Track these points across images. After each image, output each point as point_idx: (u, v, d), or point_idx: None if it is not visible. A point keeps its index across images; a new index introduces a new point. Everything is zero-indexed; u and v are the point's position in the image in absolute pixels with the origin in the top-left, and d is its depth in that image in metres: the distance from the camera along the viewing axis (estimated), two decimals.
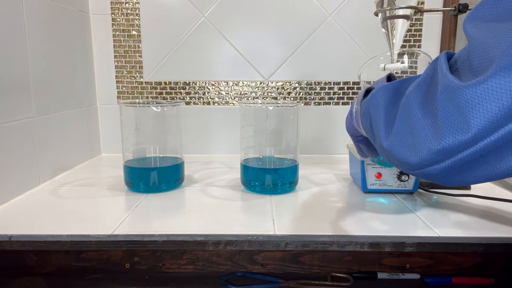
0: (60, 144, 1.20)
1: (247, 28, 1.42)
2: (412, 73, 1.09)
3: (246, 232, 0.78)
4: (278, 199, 0.99)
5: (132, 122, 1.06)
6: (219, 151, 1.50)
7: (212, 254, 0.81)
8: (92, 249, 0.80)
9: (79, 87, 1.34)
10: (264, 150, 1.08)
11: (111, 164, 1.36)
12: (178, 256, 0.81)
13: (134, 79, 1.45)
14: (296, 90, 1.46)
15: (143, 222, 0.84)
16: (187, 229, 0.79)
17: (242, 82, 1.46)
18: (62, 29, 1.23)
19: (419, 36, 1.43)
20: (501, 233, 0.78)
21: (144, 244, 0.76)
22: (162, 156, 1.10)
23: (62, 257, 0.81)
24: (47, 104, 1.14)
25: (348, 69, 1.44)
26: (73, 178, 1.18)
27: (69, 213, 0.89)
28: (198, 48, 1.43)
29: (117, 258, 0.81)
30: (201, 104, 1.47)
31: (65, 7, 1.24)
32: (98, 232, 0.77)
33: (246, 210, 0.92)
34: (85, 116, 1.38)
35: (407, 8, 1.01)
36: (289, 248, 0.77)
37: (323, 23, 1.41)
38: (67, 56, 1.25)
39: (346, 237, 0.77)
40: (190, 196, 1.02)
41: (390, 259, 0.81)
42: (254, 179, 1.04)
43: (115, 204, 0.96)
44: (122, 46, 1.44)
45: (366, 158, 0.96)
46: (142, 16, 1.42)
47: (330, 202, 0.98)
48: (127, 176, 1.06)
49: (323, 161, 1.41)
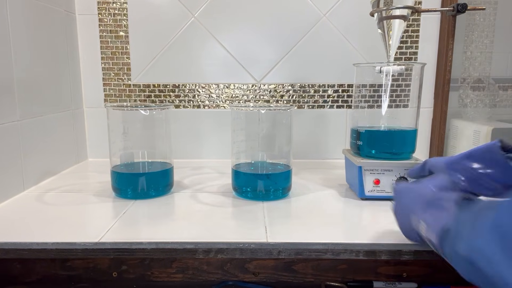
0: (45, 148, 1.20)
1: (239, 29, 1.42)
2: (408, 75, 1.09)
3: (237, 239, 0.78)
4: (270, 206, 0.99)
5: (119, 126, 1.06)
6: (209, 156, 1.51)
7: (203, 263, 0.81)
8: (79, 257, 0.79)
9: (65, 90, 1.33)
10: (256, 155, 1.08)
11: (98, 170, 1.36)
12: (167, 265, 0.81)
13: (121, 81, 1.45)
14: (289, 93, 1.46)
15: (131, 229, 0.84)
16: (177, 237, 0.79)
17: (234, 85, 1.46)
18: (47, 30, 1.22)
19: (416, 37, 1.43)
20: None
21: (132, 252, 0.76)
22: (151, 161, 1.11)
23: (47, 265, 0.81)
24: (31, 107, 1.13)
25: (343, 71, 1.45)
26: (59, 184, 1.18)
27: (55, 220, 0.89)
28: (188, 50, 1.43)
29: (104, 267, 0.81)
30: (191, 107, 1.47)
31: (51, 7, 1.24)
32: (85, 240, 0.77)
33: (237, 217, 0.92)
34: (71, 119, 1.38)
35: (404, 8, 1.02)
36: (282, 256, 0.77)
37: (317, 24, 1.42)
38: (52, 58, 1.25)
39: (341, 245, 0.77)
40: (180, 202, 1.02)
41: (386, 267, 0.82)
42: (245, 185, 1.04)
43: (102, 210, 0.96)
44: (109, 48, 1.44)
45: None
46: (130, 17, 1.42)
47: (325, 209, 0.98)
48: (115, 182, 1.06)
49: (317, 166, 1.41)
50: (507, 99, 1.52)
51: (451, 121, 1.48)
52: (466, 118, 1.49)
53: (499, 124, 1.31)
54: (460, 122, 1.44)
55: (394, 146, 1.04)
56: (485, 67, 1.51)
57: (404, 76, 1.08)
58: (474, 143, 1.32)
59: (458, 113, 1.51)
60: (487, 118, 1.49)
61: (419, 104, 1.07)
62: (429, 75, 1.44)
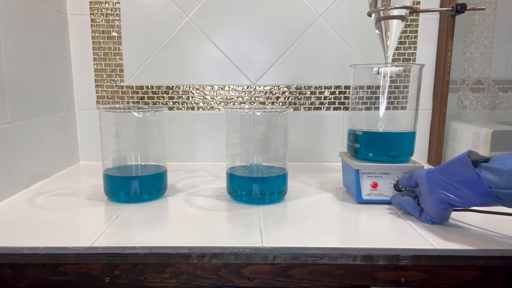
0: (36, 151, 1.20)
1: (234, 29, 1.43)
2: (406, 77, 1.10)
3: (232, 244, 0.78)
4: (266, 210, 0.99)
5: (112, 129, 1.06)
6: (204, 159, 1.51)
7: (197, 268, 0.81)
8: (70, 262, 0.79)
9: (56, 92, 1.34)
10: (251, 157, 1.08)
11: (90, 173, 1.36)
12: (161, 270, 0.81)
13: (114, 83, 1.46)
14: (285, 94, 1.47)
15: (124, 234, 0.84)
16: (170, 241, 0.80)
17: (228, 86, 1.46)
18: (39, 30, 1.23)
19: (415, 38, 1.44)
20: (501, 244, 0.79)
21: (125, 256, 0.77)
22: (144, 164, 1.11)
23: (39, 270, 0.81)
24: (22, 109, 1.13)
25: (340, 73, 1.45)
26: (50, 187, 1.18)
27: (46, 224, 0.89)
28: (182, 51, 1.44)
29: (97, 272, 0.81)
30: (185, 109, 1.48)
31: (42, 7, 1.24)
32: (77, 244, 0.78)
33: (232, 221, 0.92)
34: (63, 122, 1.38)
35: (402, 8, 1.02)
36: (277, 261, 0.77)
37: (314, 24, 1.42)
38: (43, 59, 1.25)
39: (338, 250, 0.77)
40: (173, 206, 1.02)
41: (384, 272, 0.82)
42: (240, 189, 1.04)
43: (94, 214, 0.96)
44: (101, 48, 1.44)
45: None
46: (123, 17, 1.42)
47: (321, 213, 0.99)
48: (107, 185, 1.06)
49: (313, 169, 1.41)
50: (507, 101, 1.53)
51: (450, 123, 1.49)
52: (465, 120, 1.49)
53: (499, 127, 1.31)
54: (459, 124, 1.45)
55: (392, 148, 1.05)
56: (485, 68, 1.52)
57: (402, 78, 1.08)
58: (474, 146, 1.33)
59: (457, 115, 1.52)
60: (487, 120, 1.50)
61: (417, 106, 1.08)
62: (427, 77, 1.44)
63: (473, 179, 0.76)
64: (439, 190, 0.84)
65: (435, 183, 0.85)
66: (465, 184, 0.78)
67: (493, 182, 0.74)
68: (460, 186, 0.80)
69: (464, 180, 0.78)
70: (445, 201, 0.84)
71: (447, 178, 0.82)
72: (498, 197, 0.74)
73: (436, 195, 0.85)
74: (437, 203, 0.85)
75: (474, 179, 0.76)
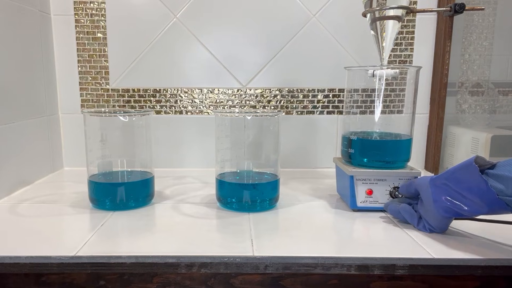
0: (18, 157, 1.20)
1: (223, 30, 1.43)
2: (403, 79, 1.10)
3: (222, 253, 0.79)
4: (257, 217, 0.99)
5: (97, 133, 1.06)
6: (192, 164, 1.51)
7: (185, 278, 0.81)
8: (54, 271, 0.79)
9: (39, 95, 1.34)
10: (242, 163, 1.09)
11: (74, 179, 1.36)
12: (148, 280, 0.81)
13: (99, 86, 1.46)
14: (276, 98, 1.47)
15: (110, 242, 0.84)
16: (158, 250, 0.80)
17: (218, 89, 1.47)
18: (20, 31, 1.23)
19: (411, 39, 1.45)
20: (501, 254, 0.80)
21: (110, 266, 0.77)
22: (130, 170, 1.11)
23: (21, 280, 0.81)
24: (3, 113, 1.13)
25: (334, 75, 1.46)
26: (33, 194, 1.17)
27: (28, 233, 0.89)
28: (169, 52, 1.44)
29: (81, 282, 0.81)
30: (173, 113, 1.48)
31: (24, 6, 1.24)
32: (60, 253, 0.78)
33: (222, 229, 0.93)
34: (46, 126, 1.38)
35: (398, 9, 1.02)
36: (269, 271, 0.77)
37: (306, 25, 1.43)
38: (25, 61, 1.25)
39: (332, 259, 0.77)
40: (161, 214, 1.03)
41: (380, 283, 0.82)
42: (230, 196, 1.05)
43: (78, 222, 0.97)
44: (86, 50, 1.44)
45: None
46: (108, 17, 1.42)
47: (314, 220, 0.99)
48: (92, 192, 1.06)
49: (306, 175, 1.42)
50: (507, 105, 1.54)
51: (448, 128, 1.49)
52: (464, 125, 1.50)
53: (498, 131, 1.32)
54: (458, 129, 1.45)
55: (388, 154, 1.05)
56: (484, 70, 1.53)
57: (398, 80, 1.09)
58: (473, 151, 1.34)
59: (455, 120, 1.53)
60: (486, 124, 1.51)
61: (414, 110, 1.08)
62: (424, 79, 1.45)
63: (481, 186, 0.76)
64: (445, 198, 0.83)
65: (440, 191, 0.85)
66: (472, 191, 0.78)
67: (499, 190, 0.74)
68: (468, 193, 0.79)
69: (471, 187, 0.78)
70: (450, 210, 0.83)
71: (454, 185, 0.82)
72: (507, 204, 0.73)
73: (441, 203, 0.84)
74: (441, 211, 0.84)
75: (482, 186, 0.75)
